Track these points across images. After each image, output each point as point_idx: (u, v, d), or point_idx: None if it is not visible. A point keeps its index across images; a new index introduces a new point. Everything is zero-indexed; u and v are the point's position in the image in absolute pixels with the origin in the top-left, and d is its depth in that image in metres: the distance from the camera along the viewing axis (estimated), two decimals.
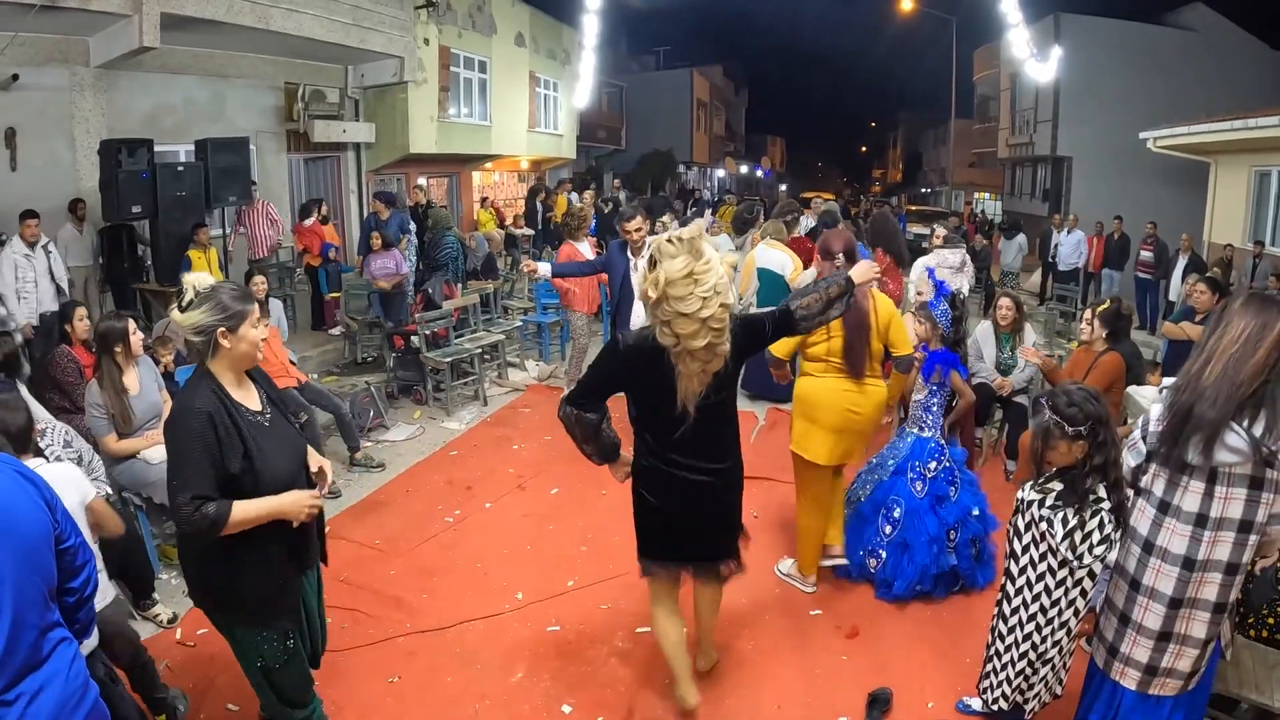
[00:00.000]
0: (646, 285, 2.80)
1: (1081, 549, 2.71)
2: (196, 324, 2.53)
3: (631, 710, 3.52)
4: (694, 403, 2.90)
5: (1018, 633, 3.01)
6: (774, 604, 4.35)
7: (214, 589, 2.68)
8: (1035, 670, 3.01)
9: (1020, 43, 14.40)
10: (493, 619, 4.19)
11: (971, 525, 4.33)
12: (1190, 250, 11.87)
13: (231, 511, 2.45)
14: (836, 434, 4.12)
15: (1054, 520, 2.77)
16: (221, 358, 2.59)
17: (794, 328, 3.12)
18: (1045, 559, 2.84)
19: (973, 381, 5.71)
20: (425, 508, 5.46)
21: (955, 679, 3.64)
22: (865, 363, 4.09)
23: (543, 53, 20.00)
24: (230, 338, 2.56)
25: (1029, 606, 2.94)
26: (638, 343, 2.95)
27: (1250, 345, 2.35)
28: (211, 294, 2.55)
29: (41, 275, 7.37)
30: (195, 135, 9.87)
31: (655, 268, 2.77)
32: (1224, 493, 2.42)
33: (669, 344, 2.81)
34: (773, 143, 56.07)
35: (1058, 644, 2.92)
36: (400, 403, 7.59)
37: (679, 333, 2.76)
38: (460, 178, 18.32)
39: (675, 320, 2.75)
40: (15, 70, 8.65)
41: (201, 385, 2.56)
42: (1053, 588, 2.85)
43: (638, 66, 35.76)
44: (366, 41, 12.20)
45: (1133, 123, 15.88)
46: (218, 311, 2.53)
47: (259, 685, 2.81)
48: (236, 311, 2.56)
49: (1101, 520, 2.68)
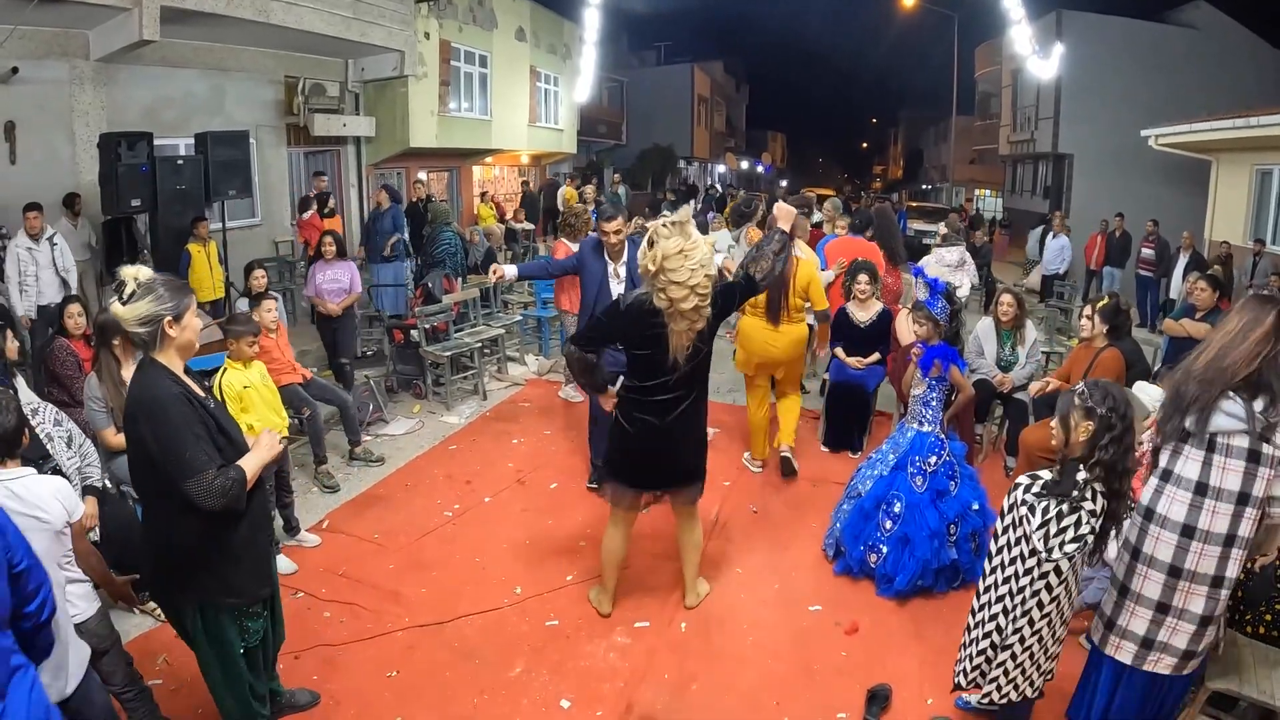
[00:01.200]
0: (646, 261, 3.40)
1: (1053, 542, 2.71)
2: (142, 315, 2.54)
3: (630, 705, 3.53)
4: (683, 355, 3.54)
5: (984, 614, 3.04)
6: (774, 600, 4.36)
7: (197, 578, 2.67)
8: (995, 655, 3.01)
9: (1022, 39, 14.39)
10: (492, 613, 4.19)
11: (971, 519, 4.34)
12: (1191, 248, 11.87)
13: (246, 469, 2.57)
14: (759, 358, 5.66)
15: (1036, 507, 2.78)
16: (168, 347, 2.61)
17: (756, 289, 3.82)
18: (1019, 545, 2.86)
19: (973, 378, 5.71)
20: (424, 502, 5.46)
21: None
22: (782, 312, 5.48)
23: (543, 47, 19.96)
24: (176, 326, 2.59)
25: (997, 589, 2.97)
26: (635, 304, 3.57)
27: (1240, 336, 2.65)
28: (152, 285, 2.57)
29: (44, 268, 7.38)
30: (195, 129, 9.83)
31: (653, 246, 3.39)
32: (1222, 462, 2.63)
33: (664, 306, 3.43)
34: (774, 138, 56.02)
35: (1018, 632, 2.90)
36: (400, 397, 7.59)
37: (672, 297, 3.39)
38: (460, 172, 18.30)
39: (669, 287, 3.38)
40: (15, 64, 8.61)
41: (159, 375, 2.57)
42: (1020, 575, 2.86)
43: (638, 62, 35.69)
44: (367, 35, 12.15)
45: (1134, 120, 15.84)
46: (162, 301, 2.56)
47: (231, 682, 2.81)
48: (180, 301, 2.60)
49: (1080, 519, 2.68)
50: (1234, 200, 13.51)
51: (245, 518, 2.67)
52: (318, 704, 3.46)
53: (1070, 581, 2.85)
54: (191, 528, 2.57)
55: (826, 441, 6.45)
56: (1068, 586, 2.85)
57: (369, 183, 14.43)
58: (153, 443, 2.49)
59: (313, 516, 5.16)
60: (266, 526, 2.93)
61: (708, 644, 3.98)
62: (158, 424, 2.49)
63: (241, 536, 2.68)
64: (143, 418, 2.52)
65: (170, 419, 2.49)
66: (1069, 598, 2.89)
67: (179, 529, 2.58)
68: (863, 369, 6.34)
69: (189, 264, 8.46)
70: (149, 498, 2.71)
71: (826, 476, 5.82)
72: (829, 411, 6.47)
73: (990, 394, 5.95)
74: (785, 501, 5.53)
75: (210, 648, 2.77)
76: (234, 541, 2.67)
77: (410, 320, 7.62)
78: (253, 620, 2.81)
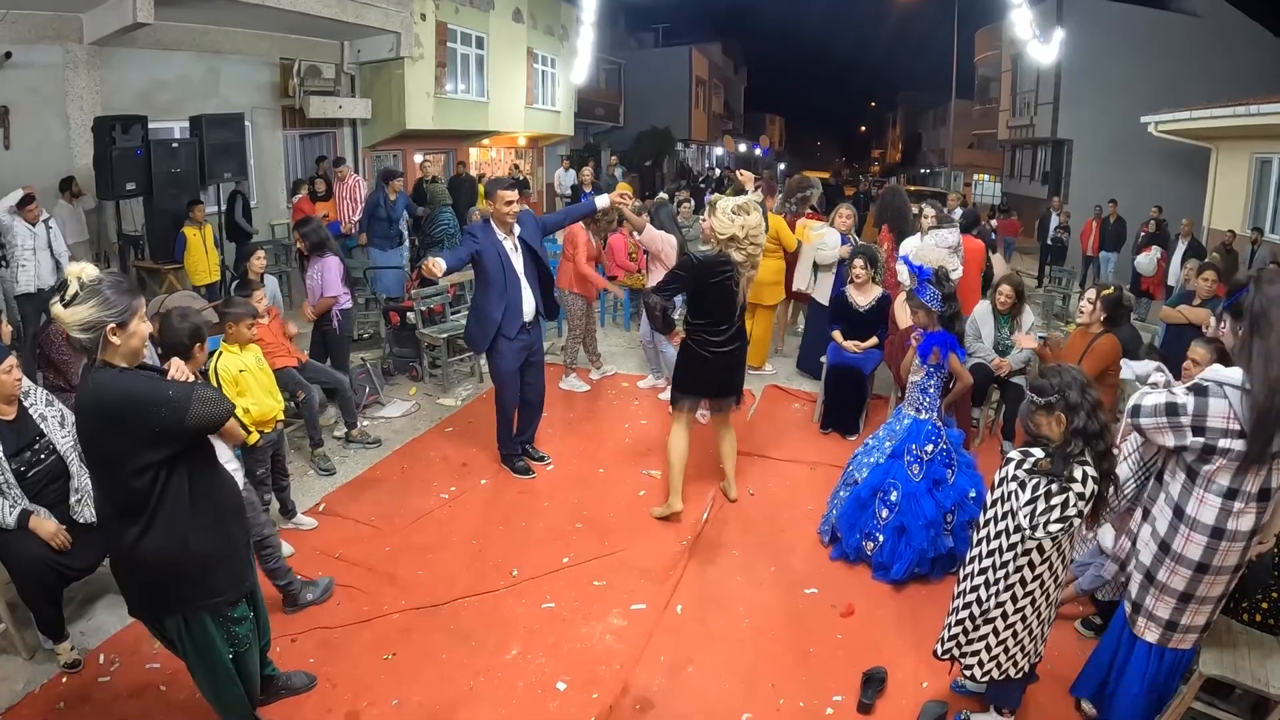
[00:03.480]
0: (734, 229, 4.56)
1: (1038, 520, 2.72)
2: (84, 320, 2.36)
3: (626, 687, 3.53)
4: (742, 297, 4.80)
5: (966, 584, 3.05)
6: (770, 583, 4.37)
7: (174, 590, 2.60)
8: (972, 628, 3.03)
9: (1022, 24, 14.25)
10: (488, 595, 4.20)
11: (968, 508, 4.32)
12: (1190, 235, 11.86)
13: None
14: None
15: (1026, 484, 2.79)
16: (111, 354, 2.43)
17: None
18: (1005, 519, 2.86)
19: (970, 362, 5.71)
20: (421, 484, 5.46)
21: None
22: None
23: (540, 29, 19.84)
24: (121, 334, 2.42)
25: (980, 561, 2.98)
26: (705, 260, 4.66)
27: None
28: (97, 288, 2.38)
29: (41, 249, 7.35)
30: (190, 112, 9.78)
31: (739, 215, 4.58)
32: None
33: (741, 260, 4.65)
34: (771, 121, 55.77)
35: (1001, 608, 2.92)
36: (396, 379, 7.57)
37: (750, 253, 4.65)
38: (457, 154, 18.23)
39: (749, 248, 4.64)
40: (8, 48, 8.57)
41: (108, 374, 2.42)
42: (1003, 549, 2.87)
43: (636, 43, 35.44)
44: (362, 17, 12.09)
45: (1134, 107, 15.78)
46: (106, 307, 2.38)
47: (225, 684, 2.78)
48: (125, 306, 2.42)
49: (1068, 500, 2.69)
50: (1233, 188, 13.50)
51: (212, 516, 2.61)
52: (314, 686, 3.46)
53: (1055, 563, 2.86)
54: (177, 544, 2.50)
55: (824, 424, 6.45)
56: (1051, 566, 2.86)
57: (365, 165, 14.38)
58: (128, 432, 2.37)
59: (309, 499, 5.16)
60: (240, 520, 2.83)
61: (704, 626, 3.99)
62: (127, 405, 2.37)
63: (213, 536, 2.61)
64: (102, 419, 2.40)
65: (137, 390, 2.39)
66: (1054, 579, 2.90)
67: (145, 545, 2.49)
68: (860, 353, 6.34)
69: (185, 247, 8.43)
70: (111, 520, 2.55)
71: (823, 459, 5.84)
72: (826, 394, 6.47)
73: (988, 378, 5.95)
74: (782, 484, 5.54)
75: (197, 656, 2.72)
76: (206, 543, 2.58)
77: (407, 302, 7.60)
78: (239, 626, 2.74)
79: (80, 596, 3.99)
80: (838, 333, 6.52)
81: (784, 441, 6.22)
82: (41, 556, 3.43)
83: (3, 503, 3.43)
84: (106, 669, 3.60)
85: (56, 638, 3.59)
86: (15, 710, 3.35)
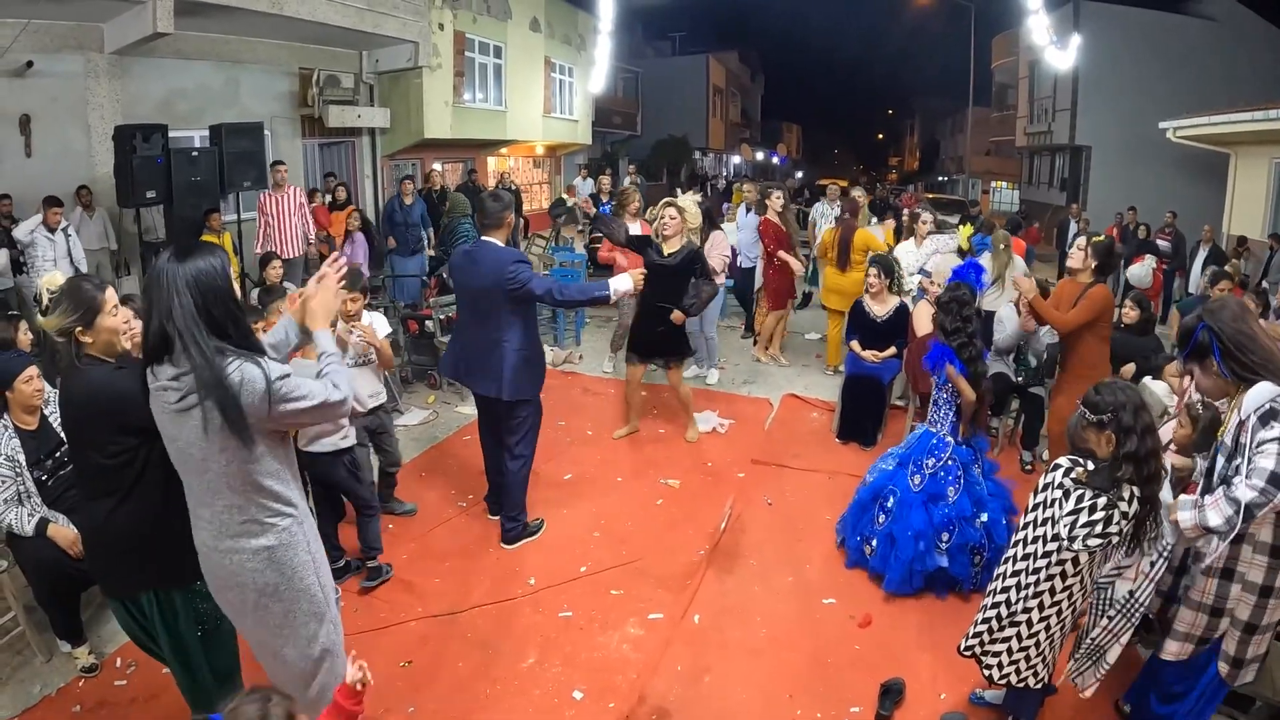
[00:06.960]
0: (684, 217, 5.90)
1: (1078, 532, 2.68)
2: (57, 327, 2.55)
3: (643, 696, 3.52)
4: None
5: (999, 583, 3.03)
6: (788, 593, 4.35)
7: (152, 561, 2.62)
8: (998, 628, 3.00)
9: (1039, 30, 14.22)
10: (505, 604, 4.20)
11: (968, 531, 4.19)
12: (1211, 241, 11.75)
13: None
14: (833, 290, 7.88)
15: (1070, 493, 2.75)
16: (90, 349, 2.60)
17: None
18: (1045, 525, 2.84)
19: (990, 370, 5.64)
20: (438, 492, 5.47)
21: (968, 671, 3.59)
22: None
23: (558, 38, 19.94)
24: (89, 333, 2.58)
25: (1015, 563, 2.96)
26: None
27: None
28: (62, 294, 2.58)
29: (61, 257, 7.46)
30: (209, 120, 9.84)
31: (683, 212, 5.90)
32: None
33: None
34: (789, 129, 55.75)
35: (1027, 613, 2.90)
36: (414, 387, 7.60)
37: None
38: (475, 163, 18.31)
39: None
40: (30, 57, 8.67)
41: (93, 367, 2.57)
42: (1039, 555, 2.85)
43: (653, 52, 35.56)
44: (381, 26, 12.16)
45: (1152, 112, 15.69)
46: (70, 313, 2.55)
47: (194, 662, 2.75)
48: (86, 307, 2.56)
49: (1112, 517, 2.64)
50: (1253, 194, 13.39)
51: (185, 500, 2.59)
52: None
53: (1085, 576, 2.83)
54: (133, 516, 2.55)
55: (841, 434, 6.42)
56: (1082, 580, 2.83)
57: (384, 174, 14.46)
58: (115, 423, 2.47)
59: None
60: None
61: (721, 636, 3.98)
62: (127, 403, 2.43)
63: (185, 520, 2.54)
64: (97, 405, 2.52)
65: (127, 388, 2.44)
66: (1082, 591, 2.87)
67: (118, 517, 2.56)
68: (878, 363, 6.31)
69: None
70: (87, 500, 2.68)
71: (841, 469, 5.80)
72: (844, 404, 6.44)
73: (1008, 387, 5.90)
74: (799, 493, 5.51)
75: (168, 635, 2.72)
76: (179, 526, 2.54)
77: (425, 311, 7.63)
78: (206, 602, 2.70)
79: (98, 601, 4.01)
80: (855, 342, 6.50)
81: (802, 451, 6.19)
82: (59, 561, 3.46)
83: (21, 511, 3.47)
84: (123, 673, 3.63)
85: (74, 642, 3.64)
86: (32, 713, 3.38)
